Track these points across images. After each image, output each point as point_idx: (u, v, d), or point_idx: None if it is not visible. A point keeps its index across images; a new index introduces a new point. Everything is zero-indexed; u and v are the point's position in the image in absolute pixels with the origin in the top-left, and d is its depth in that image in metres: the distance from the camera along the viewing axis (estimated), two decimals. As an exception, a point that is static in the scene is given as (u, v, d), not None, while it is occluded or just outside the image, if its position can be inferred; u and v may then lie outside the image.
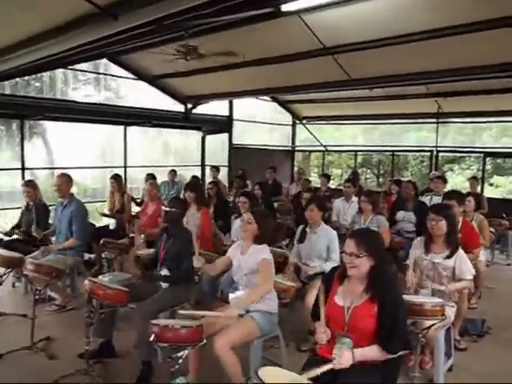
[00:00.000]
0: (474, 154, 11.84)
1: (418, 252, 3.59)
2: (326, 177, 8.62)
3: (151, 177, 7.24)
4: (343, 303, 2.46)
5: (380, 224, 4.96)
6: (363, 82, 7.32)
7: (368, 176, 22.29)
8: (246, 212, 3.48)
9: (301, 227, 4.41)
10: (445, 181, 6.23)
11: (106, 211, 6.38)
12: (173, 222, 3.87)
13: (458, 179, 13.45)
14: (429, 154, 11.03)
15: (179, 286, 3.67)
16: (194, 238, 3.65)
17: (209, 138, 10.98)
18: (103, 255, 5.38)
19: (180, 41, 6.04)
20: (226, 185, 9.71)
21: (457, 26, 5.26)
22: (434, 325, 2.88)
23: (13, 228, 5.40)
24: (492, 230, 5.89)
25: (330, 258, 4.06)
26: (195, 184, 5.74)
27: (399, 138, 12.05)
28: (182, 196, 5.78)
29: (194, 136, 10.96)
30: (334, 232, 4.20)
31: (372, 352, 2.33)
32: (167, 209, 3.86)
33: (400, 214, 5.65)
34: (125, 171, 9.43)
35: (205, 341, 2.71)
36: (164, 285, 3.74)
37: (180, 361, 2.68)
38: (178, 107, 9.90)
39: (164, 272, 3.75)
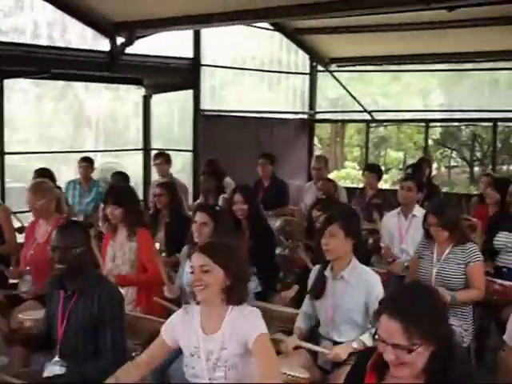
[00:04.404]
0: None
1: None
2: (374, 170, 8.55)
3: (44, 173, 7.24)
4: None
5: (470, 259, 4.96)
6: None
7: (454, 163, 22.34)
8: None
9: (315, 269, 4.45)
10: None
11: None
12: (73, 266, 3.86)
13: None
14: None
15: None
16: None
17: (157, 98, 11.02)
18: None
19: None
20: (190, 186, 9.73)
21: None
22: None
23: None
24: None
25: (370, 326, 4.08)
26: (122, 189, 5.76)
27: (509, 96, 12.06)
28: (101, 209, 5.79)
29: (131, 96, 11.02)
30: (376, 277, 4.24)
31: None
32: (55, 244, 3.85)
33: (501, 239, 5.72)
34: (1, 162, 9.45)
35: None
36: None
37: None
38: (101, 44, 9.91)
39: (56, 369, 3.74)
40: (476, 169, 19.92)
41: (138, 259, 5.21)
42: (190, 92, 10.93)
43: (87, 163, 8.68)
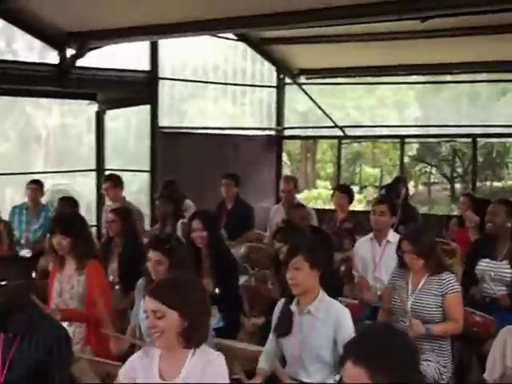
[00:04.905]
0: None
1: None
2: (344, 190, 8.55)
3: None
4: None
5: (446, 290, 4.96)
6: (411, 5, 7.38)
7: (433, 179, 22.45)
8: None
9: (281, 303, 4.43)
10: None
11: None
12: (8, 301, 3.78)
13: None
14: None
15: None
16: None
17: (111, 114, 10.95)
18: None
19: None
20: (147, 210, 9.66)
21: None
22: None
23: None
24: None
25: (335, 374, 4.07)
26: (70, 217, 5.68)
27: (489, 110, 12.20)
28: (48, 239, 5.71)
29: (83, 111, 10.93)
30: (346, 311, 4.22)
31: None
32: None
33: (482, 266, 5.68)
34: None
35: None
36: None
37: None
38: (49, 56, 9.80)
39: None
40: (457, 185, 20.03)
41: (87, 294, 5.15)
42: (148, 107, 10.83)
43: (36, 186, 8.55)
